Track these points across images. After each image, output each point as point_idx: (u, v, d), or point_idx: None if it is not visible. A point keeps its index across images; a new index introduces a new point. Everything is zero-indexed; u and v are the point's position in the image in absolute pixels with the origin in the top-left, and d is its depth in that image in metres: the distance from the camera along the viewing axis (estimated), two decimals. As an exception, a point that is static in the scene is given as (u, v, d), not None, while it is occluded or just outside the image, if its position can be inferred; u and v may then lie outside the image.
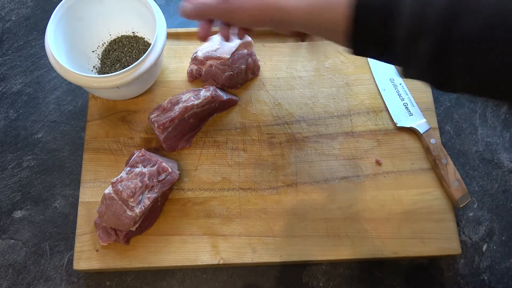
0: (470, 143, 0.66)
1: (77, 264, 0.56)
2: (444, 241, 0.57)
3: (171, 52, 0.68)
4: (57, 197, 0.62)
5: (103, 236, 0.56)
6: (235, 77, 0.63)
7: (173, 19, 0.74)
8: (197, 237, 0.58)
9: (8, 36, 0.73)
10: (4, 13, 0.75)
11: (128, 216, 0.53)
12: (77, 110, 0.67)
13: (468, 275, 0.59)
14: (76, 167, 0.64)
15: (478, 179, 0.64)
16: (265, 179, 0.61)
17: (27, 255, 0.59)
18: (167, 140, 0.60)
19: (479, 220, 0.61)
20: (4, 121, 0.67)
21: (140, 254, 0.57)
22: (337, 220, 0.58)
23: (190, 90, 0.62)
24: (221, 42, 0.64)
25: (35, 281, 0.58)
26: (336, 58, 0.68)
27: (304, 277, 0.58)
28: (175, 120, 0.59)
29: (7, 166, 0.64)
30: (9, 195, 0.63)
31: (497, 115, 0.67)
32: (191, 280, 0.58)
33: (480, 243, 0.60)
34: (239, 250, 0.57)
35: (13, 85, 0.69)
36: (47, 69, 0.70)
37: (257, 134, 0.63)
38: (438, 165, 0.59)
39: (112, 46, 0.66)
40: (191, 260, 0.57)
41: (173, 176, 0.56)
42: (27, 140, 0.66)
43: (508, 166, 0.64)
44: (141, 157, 0.56)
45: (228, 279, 0.58)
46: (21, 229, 0.61)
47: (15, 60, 0.71)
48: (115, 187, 0.54)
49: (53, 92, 0.69)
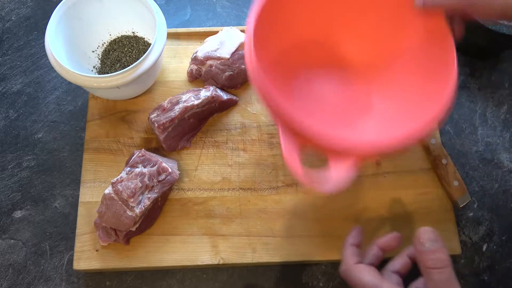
0: (470, 143, 0.66)
1: (77, 264, 0.56)
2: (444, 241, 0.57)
3: (171, 52, 0.68)
4: (57, 197, 0.62)
5: (103, 236, 0.56)
6: (235, 77, 0.63)
7: (173, 19, 0.74)
8: (197, 237, 0.58)
9: (8, 36, 0.73)
10: (4, 13, 0.75)
11: (128, 216, 0.53)
12: (77, 110, 0.67)
13: (468, 275, 0.59)
14: (76, 167, 0.64)
15: (478, 179, 0.64)
16: (265, 179, 0.61)
17: (27, 255, 0.59)
18: (167, 140, 0.60)
19: (479, 220, 0.61)
20: (4, 121, 0.67)
21: (140, 254, 0.57)
22: (337, 220, 0.58)
23: (190, 90, 0.62)
24: (221, 42, 0.64)
25: (35, 281, 0.58)
26: (336, 58, 0.68)
27: (304, 277, 0.58)
28: (175, 120, 0.59)
29: (7, 166, 0.64)
30: (9, 195, 0.63)
31: (497, 115, 0.67)
32: (191, 280, 0.58)
33: (480, 243, 0.60)
34: (239, 250, 0.57)
35: (13, 85, 0.69)
36: (47, 69, 0.71)
37: (257, 134, 0.63)
38: (438, 165, 0.59)
39: (112, 46, 0.66)
40: (191, 260, 0.57)
41: (173, 176, 0.56)
42: (27, 140, 0.66)
43: (508, 166, 0.64)
44: (141, 157, 0.56)
45: (228, 279, 0.58)
46: (21, 229, 0.61)
47: (15, 60, 0.71)
48: (115, 187, 0.54)
49: (53, 92, 0.69)
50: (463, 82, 0.69)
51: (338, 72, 0.57)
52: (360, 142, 0.43)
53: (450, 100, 0.45)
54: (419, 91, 0.50)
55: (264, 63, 0.47)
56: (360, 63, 0.57)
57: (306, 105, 0.55)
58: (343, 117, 0.55)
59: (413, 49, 0.52)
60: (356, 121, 0.54)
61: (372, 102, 0.55)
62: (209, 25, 0.74)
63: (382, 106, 0.54)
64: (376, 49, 0.55)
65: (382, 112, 0.54)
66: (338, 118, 0.54)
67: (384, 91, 0.55)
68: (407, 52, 0.53)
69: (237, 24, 0.74)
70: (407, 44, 0.53)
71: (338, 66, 0.57)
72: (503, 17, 0.44)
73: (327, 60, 0.57)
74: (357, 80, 0.57)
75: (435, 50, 0.49)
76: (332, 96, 0.56)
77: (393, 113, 0.52)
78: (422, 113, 0.46)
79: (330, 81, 0.57)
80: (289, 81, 0.55)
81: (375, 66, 0.56)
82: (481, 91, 0.69)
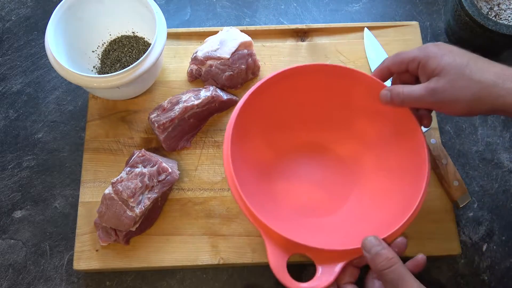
0: (470, 143, 0.66)
1: (77, 264, 0.56)
2: (444, 241, 0.57)
3: (171, 52, 0.68)
4: (57, 197, 0.62)
5: (103, 236, 0.56)
6: (235, 77, 0.63)
7: (173, 19, 0.74)
8: (197, 237, 0.58)
9: (8, 36, 0.73)
10: (4, 13, 0.75)
11: (128, 217, 0.53)
12: (77, 110, 0.67)
13: (468, 275, 0.59)
14: (76, 167, 0.64)
15: (478, 179, 0.64)
16: (265, 179, 0.61)
17: (27, 255, 0.59)
18: (167, 140, 0.60)
19: (479, 220, 0.62)
20: (4, 121, 0.67)
21: (140, 254, 0.57)
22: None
23: (190, 90, 0.62)
24: (221, 42, 0.64)
25: (35, 281, 0.58)
26: (336, 58, 0.68)
27: (304, 277, 0.58)
28: (175, 120, 0.59)
29: (7, 166, 0.64)
30: (9, 195, 0.63)
31: (497, 115, 0.67)
32: (191, 280, 0.58)
33: (480, 243, 0.60)
34: (239, 250, 0.57)
35: (13, 85, 0.69)
36: (47, 69, 0.71)
37: (257, 134, 0.63)
38: (438, 165, 0.59)
39: (112, 46, 0.66)
40: (191, 260, 0.57)
41: (173, 176, 0.56)
42: (27, 140, 0.66)
43: (508, 166, 0.64)
44: (141, 157, 0.56)
45: (228, 279, 0.58)
46: (21, 229, 0.61)
47: (15, 60, 0.71)
48: (115, 187, 0.54)
49: (53, 92, 0.69)
50: (463, 82, 0.69)
51: (319, 157, 0.60)
52: (347, 246, 0.44)
53: (422, 198, 0.47)
54: (396, 188, 0.52)
55: None
56: (339, 152, 0.59)
57: (287, 201, 0.57)
58: (321, 212, 0.56)
59: (388, 142, 0.55)
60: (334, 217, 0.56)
61: (350, 194, 0.57)
62: (209, 25, 0.74)
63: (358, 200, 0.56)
64: (352, 140, 0.58)
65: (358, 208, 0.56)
66: (318, 214, 0.56)
67: (362, 186, 0.57)
68: (383, 144, 0.55)
69: (237, 24, 0.74)
70: (381, 135, 0.55)
71: (319, 151, 0.60)
72: (470, 113, 0.44)
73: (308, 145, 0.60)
74: (338, 168, 0.59)
75: (406, 142, 0.52)
76: (311, 187, 0.58)
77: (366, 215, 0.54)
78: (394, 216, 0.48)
79: (311, 165, 0.59)
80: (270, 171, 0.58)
81: (354, 157, 0.58)
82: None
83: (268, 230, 0.45)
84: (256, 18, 0.75)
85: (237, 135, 0.50)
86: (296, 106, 0.57)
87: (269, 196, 0.56)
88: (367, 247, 0.43)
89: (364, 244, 0.43)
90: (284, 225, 0.48)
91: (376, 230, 0.46)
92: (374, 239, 0.43)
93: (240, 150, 0.51)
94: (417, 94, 0.46)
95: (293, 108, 0.57)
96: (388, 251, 0.42)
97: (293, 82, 0.54)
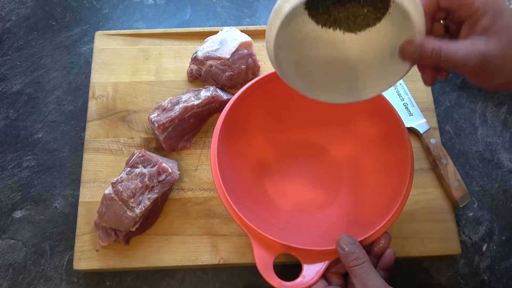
0: (470, 143, 0.66)
1: (77, 264, 0.56)
2: (444, 241, 0.57)
3: (171, 52, 0.68)
4: (57, 197, 0.62)
5: (103, 236, 0.56)
6: (235, 77, 0.63)
7: (173, 19, 0.74)
8: (197, 237, 0.58)
9: (8, 36, 0.73)
10: (4, 13, 0.75)
11: (128, 217, 0.53)
12: (77, 110, 0.68)
13: (468, 275, 0.59)
14: (76, 167, 0.64)
15: (478, 179, 0.64)
16: (265, 179, 0.61)
17: (27, 255, 0.59)
18: (167, 140, 0.60)
19: (479, 220, 0.62)
20: (4, 121, 0.67)
21: (140, 254, 0.57)
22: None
23: (190, 90, 0.62)
24: (221, 42, 0.64)
25: (35, 281, 0.58)
26: (336, 58, 0.67)
27: (304, 277, 0.58)
28: (175, 120, 0.59)
29: (7, 166, 0.64)
30: (9, 195, 0.63)
31: (497, 115, 0.67)
32: (191, 280, 0.58)
33: (480, 243, 0.60)
34: (239, 250, 0.57)
35: (13, 85, 0.69)
36: (47, 69, 0.71)
37: (257, 134, 0.63)
38: (438, 165, 0.59)
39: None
40: (191, 260, 0.57)
41: (173, 176, 0.56)
42: (27, 140, 0.66)
43: (508, 166, 0.64)
44: (141, 157, 0.56)
45: (228, 279, 0.58)
46: (21, 229, 0.61)
47: (15, 60, 0.71)
48: (115, 187, 0.54)
49: (53, 92, 0.69)
50: (463, 82, 0.69)
51: (314, 155, 0.60)
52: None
53: (404, 199, 0.48)
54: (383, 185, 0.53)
55: None
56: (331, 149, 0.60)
57: (276, 198, 0.58)
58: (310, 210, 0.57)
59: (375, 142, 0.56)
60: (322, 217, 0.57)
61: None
62: (209, 25, 0.74)
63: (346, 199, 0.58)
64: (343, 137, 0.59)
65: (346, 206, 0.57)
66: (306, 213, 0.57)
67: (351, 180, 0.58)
68: (378, 144, 0.56)
69: (237, 24, 0.74)
70: (378, 135, 0.56)
71: (314, 150, 0.61)
72: (504, 88, 0.39)
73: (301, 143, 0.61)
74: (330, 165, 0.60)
75: (394, 143, 0.53)
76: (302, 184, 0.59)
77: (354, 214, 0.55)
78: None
79: (305, 164, 0.60)
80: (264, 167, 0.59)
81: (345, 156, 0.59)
82: (481, 91, 0.69)
83: (253, 231, 0.46)
84: (256, 18, 0.75)
85: (227, 133, 0.51)
86: (291, 105, 0.57)
87: (262, 196, 0.57)
88: (341, 245, 0.45)
89: (338, 241, 0.46)
90: (271, 226, 0.50)
91: (359, 230, 0.48)
92: (348, 237, 0.46)
93: (231, 150, 0.52)
94: (461, 57, 0.36)
95: (288, 106, 0.57)
96: (359, 250, 0.45)
97: None
